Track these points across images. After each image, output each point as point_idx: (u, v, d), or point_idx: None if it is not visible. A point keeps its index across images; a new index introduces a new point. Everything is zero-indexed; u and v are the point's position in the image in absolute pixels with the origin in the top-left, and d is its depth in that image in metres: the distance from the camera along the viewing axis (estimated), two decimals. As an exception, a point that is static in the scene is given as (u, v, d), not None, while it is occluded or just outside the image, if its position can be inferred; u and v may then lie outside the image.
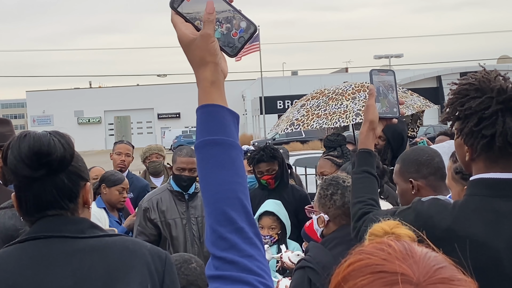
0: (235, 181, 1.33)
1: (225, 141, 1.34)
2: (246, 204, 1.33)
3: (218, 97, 1.37)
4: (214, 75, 1.37)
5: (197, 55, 1.37)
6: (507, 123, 1.96)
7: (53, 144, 1.89)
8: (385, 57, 51.55)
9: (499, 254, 1.93)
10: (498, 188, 2.02)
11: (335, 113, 6.86)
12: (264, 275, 1.28)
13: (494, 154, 2.03)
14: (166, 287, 1.94)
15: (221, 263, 1.28)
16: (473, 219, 1.99)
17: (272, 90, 53.20)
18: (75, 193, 1.96)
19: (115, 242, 1.94)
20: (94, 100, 72.17)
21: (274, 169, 5.33)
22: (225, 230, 1.29)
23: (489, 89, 2.01)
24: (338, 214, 3.22)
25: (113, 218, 5.57)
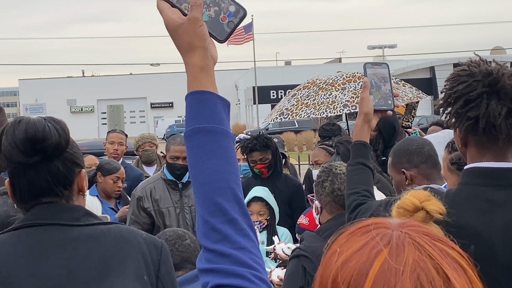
0: (227, 171, 1.28)
1: (216, 129, 1.30)
2: (239, 194, 1.29)
3: (208, 83, 1.33)
4: (204, 60, 1.33)
5: (185, 40, 1.33)
6: (491, 106, 1.97)
7: (48, 130, 1.86)
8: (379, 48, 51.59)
9: (493, 244, 1.93)
10: (491, 177, 2.02)
11: (323, 103, 6.85)
12: (258, 267, 1.24)
13: (482, 139, 2.03)
14: (161, 276, 1.91)
15: (213, 255, 1.23)
16: (466, 208, 1.98)
17: (266, 80, 53.18)
18: (70, 180, 1.93)
19: (110, 230, 1.91)
20: (87, 89, 71.93)
21: (267, 158, 5.31)
22: (217, 221, 1.25)
23: (477, 73, 2.03)
24: (328, 201, 3.25)
25: (107, 205, 5.56)
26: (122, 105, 16.71)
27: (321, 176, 3.30)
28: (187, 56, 1.34)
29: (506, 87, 1.99)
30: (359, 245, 0.96)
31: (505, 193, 2.00)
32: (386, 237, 0.95)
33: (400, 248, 0.93)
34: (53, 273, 1.81)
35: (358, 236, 0.98)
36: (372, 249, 0.94)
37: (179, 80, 68.14)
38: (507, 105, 1.98)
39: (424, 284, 0.89)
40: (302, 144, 36.54)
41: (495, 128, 1.98)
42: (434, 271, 0.91)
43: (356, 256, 0.94)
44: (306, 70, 48.80)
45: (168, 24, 1.35)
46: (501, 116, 1.96)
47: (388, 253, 0.92)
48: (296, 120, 42.06)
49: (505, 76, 2.00)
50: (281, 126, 42.74)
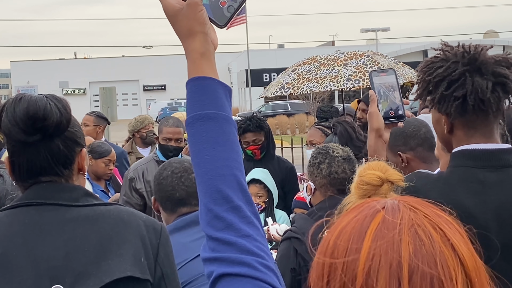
0: (230, 157, 1.27)
1: (218, 115, 1.27)
2: (242, 181, 1.27)
3: (209, 69, 1.31)
4: (204, 46, 1.31)
5: (184, 26, 1.31)
6: (476, 81, 1.97)
7: (50, 108, 1.83)
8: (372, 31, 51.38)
9: (487, 225, 1.93)
10: (482, 159, 2.03)
11: (326, 77, 6.86)
12: (264, 255, 1.22)
13: (470, 118, 2.04)
14: (160, 260, 1.89)
15: (217, 244, 1.22)
16: (459, 191, 1.99)
17: (259, 63, 52.98)
18: (70, 160, 1.90)
19: (110, 212, 1.88)
20: (79, 71, 71.58)
21: (260, 139, 5.30)
22: (221, 209, 1.23)
23: (453, 55, 2.03)
24: (324, 183, 3.24)
25: (98, 187, 5.55)
26: (115, 87, 16.61)
27: (318, 157, 3.28)
28: (187, 41, 1.32)
29: (486, 62, 2.00)
30: (354, 214, 0.97)
31: (497, 174, 2.01)
32: (380, 203, 0.97)
33: (395, 209, 0.94)
34: (50, 254, 1.79)
35: (352, 212, 0.99)
36: (367, 213, 0.95)
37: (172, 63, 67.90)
38: (491, 79, 1.99)
39: (423, 237, 0.90)
40: (295, 127, 36.51)
41: (484, 103, 1.99)
42: (430, 227, 0.92)
43: (352, 223, 0.95)
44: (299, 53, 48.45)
45: (167, 9, 1.32)
46: (488, 90, 1.97)
47: (384, 215, 0.93)
48: (289, 103, 41.98)
49: (483, 52, 2.02)
50: (274, 109, 42.68)
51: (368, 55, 7.30)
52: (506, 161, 2.04)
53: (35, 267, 1.77)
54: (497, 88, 2.00)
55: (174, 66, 68.69)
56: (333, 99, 36.98)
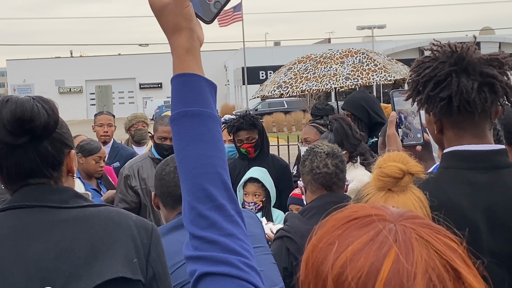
0: (214, 155, 1.26)
1: (202, 113, 1.27)
2: (226, 179, 1.27)
3: (194, 65, 1.30)
4: (190, 42, 1.30)
5: (170, 21, 1.30)
6: (462, 82, 1.96)
7: (37, 110, 1.82)
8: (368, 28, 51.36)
9: (477, 226, 1.93)
10: (472, 160, 2.01)
11: (325, 76, 6.86)
12: (247, 255, 1.22)
13: (458, 120, 2.02)
14: (152, 260, 1.88)
15: (200, 242, 1.22)
16: (450, 192, 1.98)
17: (255, 60, 52.98)
18: (59, 161, 1.90)
19: (100, 213, 1.87)
20: (75, 69, 71.45)
21: (254, 137, 5.27)
22: (204, 208, 1.23)
23: (442, 55, 2.02)
24: (308, 180, 3.24)
25: (90, 186, 5.53)
26: (111, 86, 16.63)
27: (304, 155, 3.30)
28: (173, 37, 1.31)
29: (473, 62, 1.98)
30: (362, 241, 0.92)
31: (487, 176, 1.99)
32: (391, 234, 0.92)
33: (408, 246, 0.90)
34: (40, 256, 1.78)
35: (356, 229, 0.94)
36: (379, 248, 0.90)
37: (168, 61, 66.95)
38: (477, 80, 1.97)
39: (436, 284, 0.88)
40: (291, 124, 36.50)
41: (470, 104, 1.97)
42: (443, 269, 0.89)
43: (362, 254, 0.90)
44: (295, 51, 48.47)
45: (153, 4, 1.32)
46: (473, 90, 1.95)
47: (397, 254, 0.89)
48: (285, 101, 41.97)
49: (470, 52, 2.00)
50: (270, 106, 42.67)
51: (363, 53, 7.31)
52: (497, 162, 2.02)
53: (26, 269, 1.76)
54: (484, 88, 1.97)
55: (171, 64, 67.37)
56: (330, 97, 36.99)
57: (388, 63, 7.44)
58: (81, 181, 5.49)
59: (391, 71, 7.11)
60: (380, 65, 7.14)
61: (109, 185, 5.68)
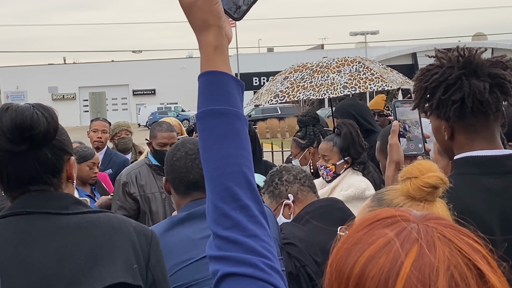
0: (240, 154, 1.25)
1: (229, 111, 1.25)
2: (251, 179, 1.25)
3: (222, 63, 1.28)
4: (218, 39, 1.28)
5: (199, 18, 1.28)
6: (473, 84, 1.98)
7: (37, 117, 1.83)
8: (361, 34, 51.54)
9: (493, 232, 1.93)
10: (487, 165, 2.03)
11: (322, 85, 6.86)
12: (270, 256, 1.21)
13: (470, 121, 2.03)
14: (151, 266, 1.89)
15: (223, 242, 1.21)
16: (467, 198, 1.99)
17: (248, 66, 53.10)
18: (59, 168, 1.91)
19: (100, 219, 1.89)
20: (69, 76, 71.35)
21: None
22: (228, 208, 1.21)
23: (448, 61, 2.04)
24: (297, 188, 3.23)
25: (84, 192, 5.51)
26: (104, 92, 16.60)
27: (274, 179, 3.27)
28: (201, 34, 1.29)
29: (481, 64, 2.00)
30: (385, 239, 0.91)
31: (502, 181, 2.01)
32: (413, 232, 0.91)
33: (431, 244, 0.89)
34: (41, 262, 1.78)
35: (379, 228, 0.94)
36: (401, 245, 0.90)
37: (161, 67, 67.89)
38: (488, 81, 1.99)
39: (458, 282, 0.87)
40: (285, 130, 36.54)
41: (483, 104, 1.99)
42: (465, 267, 0.88)
43: (384, 251, 0.90)
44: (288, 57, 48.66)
45: (182, 1, 1.30)
46: (486, 90, 1.97)
47: (419, 251, 0.89)
48: (279, 107, 42.03)
49: (477, 54, 2.02)
50: (264, 113, 42.73)
51: (359, 62, 7.33)
52: (509, 167, 2.04)
53: (27, 275, 1.77)
54: (495, 89, 2.00)
55: (164, 71, 68.66)
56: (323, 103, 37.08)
57: (384, 72, 7.46)
58: (75, 187, 5.47)
59: (388, 80, 7.13)
60: (376, 74, 7.16)
61: (103, 191, 5.66)
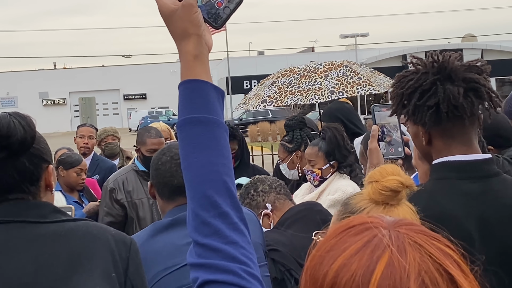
0: (220, 162, 1.26)
1: (209, 120, 1.27)
2: (231, 187, 1.27)
3: (202, 71, 1.30)
4: (198, 48, 1.30)
5: (179, 27, 1.30)
6: (448, 89, 1.98)
7: (13, 126, 1.82)
8: (351, 37, 51.68)
9: (471, 236, 1.95)
10: (465, 170, 2.03)
11: (310, 90, 6.88)
12: (249, 263, 1.23)
13: (447, 126, 2.04)
14: (130, 274, 1.89)
15: (203, 250, 1.22)
16: (445, 203, 2.00)
17: (239, 70, 53.10)
18: (37, 176, 1.90)
19: (78, 227, 1.88)
20: (59, 81, 71.26)
21: (233, 148, 5.24)
22: (208, 215, 1.23)
23: (423, 67, 2.05)
24: (274, 197, 3.24)
25: (71, 199, 5.49)
26: (94, 97, 16.62)
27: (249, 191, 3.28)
28: (181, 43, 1.31)
29: (455, 69, 2.01)
30: (357, 246, 0.92)
31: (480, 185, 2.02)
32: (385, 238, 0.92)
33: (402, 250, 0.90)
34: (19, 271, 1.78)
35: (352, 235, 0.94)
36: (372, 252, 0.91)
37: (152, 72, 67.89)
38: (462, 85, 2.00)
39: (429, 287, 0.87)
40: (276, 133, 36.55)
41: (458, 109, 1.99)
42: (436, 272, 0.89)
43: (356, 258, 0.91)
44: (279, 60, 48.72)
45: (162, 10, 1.31)
46: (460, 95, 1.98)
47: (390, 257, 0.89)
48: (270, 110, 42.05)
49: (452, 59, 2.03)
50: (255, 116, 42.74)
51: (346, 66, 7.35)
52: (487, 172, 2.05)
53: (5, 284, 1.76)
54: (469, 93, 2.01)
55: (155, 75, 68.64)
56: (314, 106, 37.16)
57: (372, 75, 7.48)
58: (63, 194, 5.46)
59: (375, 84, 7.16)
60: (364, 78, 7.18)
61: (91, 198, 5.65)
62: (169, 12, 1.30)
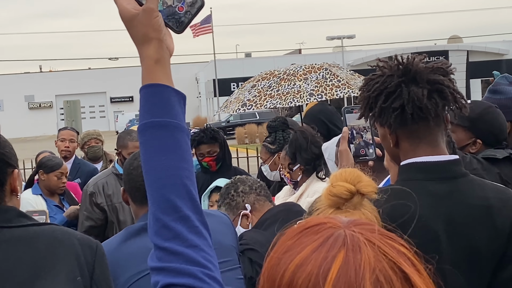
0: (181, 166, 1.26)
1: (170, 123, 1.27)
2: (192, 190, 1.27)
3: (163, 76, 1.30)
4: (159, 52, 1.31)
5: (139, 31, 1.30)
6: (412, 91, 2.00)
7: None
8: (338, 38, 51.70)
9: (438, 237, 1.97)
10: (432, 171, 2.05)
11: (289, 93, 6.90)
12: (210, 266, 1.23)
13: (412, 128, 2.05)
14: (96, 278, 1.88)
15: (164, 254, 1.22)
16: (412, 203, 1.97)
17: (226, 72, 53.07)
18: (2, 181, 1.89)
19: (44, 231, 1.88)
20: (45, 84, 71.00)
21: (215, 151, 5.26)
22: (169, 219, 1.23)
23: (388, 69, 2.07)
24: (253, 198, 3.25)
25: (52, 203, 5.48)
26: (79, 100, 16.44)
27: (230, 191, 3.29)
28: (142, 48, 1.31)
29: (419, 71, 2.03)
30: (313, 246, 0.94)
31: (446, 186, 2.04)
32: (340, 238, 0.94)
33: (356, 249, 0.92)
34: None
35: (308, 236, 0.96)
36: (328, 251, 0.92)
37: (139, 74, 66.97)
38: (426, 87, 2.01)
39: (384, 285, 0.89)
40: (264, 136, 36.53)
41: (422, 110, 2.01)
42: (390, 270, 0.91)
43: (312, 258, 0.92)
44: (266, 62, 48.74)
45: (122, 15, 1.32)
46: (424, 97, 1.99)
47: (345, 256, 0.91)
48: (258, 112, 42.04)
49: (416, 61, 2.05)
50: (243, 118, 42.74)
51: (326, 68, 7.35)
52: (454, 172, 2.06)
53: None
54: (434, 95, 2.02)
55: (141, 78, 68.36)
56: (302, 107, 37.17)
57: (351, 78, 7.49)
58: (43, 198, 5.43)
59: (354, 87, 7.17)
60: (343, 80, 7.19)
61: (72, 201, 5.62)
62: (130, 16, 1.31)
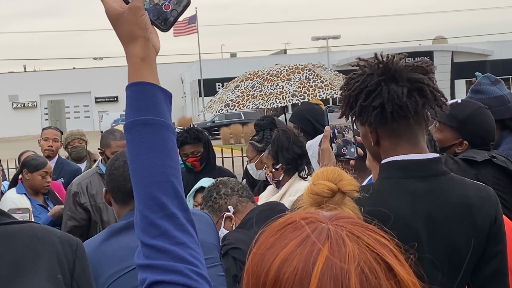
0: (167, 164, 1.27)
1: (156, 121, 1.28)
2: (179, 188, 1.28)
3: (149, 74, 1.31)
4: (145, 50, 1.31)
5: (125, 30, 1.31)
6: (392, 89, 2.01)
7: None
8: (323, 39, 51.82)
9: (418, 235, 1.98)
10: (411, 169, 2.06)
11: (272, 94, 6.90)
12: (197, 263, 1.24)
13: (393, 126, 2.06)
14: (76, 275, 1.88)
15: (151, 251, 1.23)
16: (392, 201, 2.02)
17: (211, 72, 53.03)
18: None
19: (23, 229, 1.86)
20: (29, 84, 70.57)
21: (199, 151, 5.26)
22: (156, 216, 1.24)
23: (369, 68, 2.08)
24: (236, 200, 3.26)
25: (36, 202, 5.47)
26: (63, 100, 16.40)
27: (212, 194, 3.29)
28: (128, 46, 1.32)
29: (399, 69, 2.04)
30: (297, 241, 0.94)
31: (426, 184, 2.04)
32: (324, 232, 0.95)
33: (340, 242, 0.93)
34: None
35: (291, 231, 0.97)
36: (313, 245, 0.93)
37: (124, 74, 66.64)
38: (406, 86, 2.02)
39: (369, 276, 0.91)
40: (249, 136, 36.54)
41: (402, 109, 2.01)
42: (374, 262, 0.92)
43: (297, 253, 0.93)
44: (251, 62, 48.71)
45: (108, 13, 1.32)
46: (404, 95, 2.00)
47: (330, 249, 0.92)
48: (243, 112, 42.02)
49: (396, 60, 2.06)
50: (228, 118, 42.72)
51: (310, 69, 7.35)
52: (434, 171, 2.07)
53: None
54: (414, 93, 2.02)
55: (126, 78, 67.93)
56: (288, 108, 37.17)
57: (335, 79, 7.50)
58: (27, 197, 5.42)
59: (337, 88, 7.18)
60: (326, 81, 7.19)
61: (56, 201, 5.61)
62: (116, 14, 1.31)
